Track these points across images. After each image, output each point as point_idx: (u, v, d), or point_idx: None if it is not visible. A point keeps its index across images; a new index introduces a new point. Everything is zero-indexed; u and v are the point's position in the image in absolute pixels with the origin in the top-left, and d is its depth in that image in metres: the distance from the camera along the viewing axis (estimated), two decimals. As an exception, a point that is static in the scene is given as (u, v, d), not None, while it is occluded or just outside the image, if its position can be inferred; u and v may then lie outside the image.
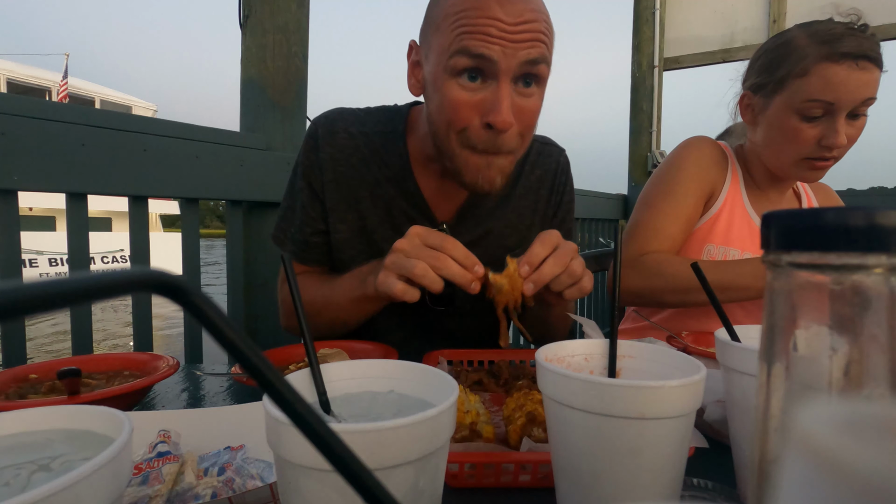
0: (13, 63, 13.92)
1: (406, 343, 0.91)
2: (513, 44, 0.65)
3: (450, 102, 0.68)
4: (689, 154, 1.04)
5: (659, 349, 0.42)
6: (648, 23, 3.39)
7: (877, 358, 0.16)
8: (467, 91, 0.68)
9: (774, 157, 0.96)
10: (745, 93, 1.00)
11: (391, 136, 0.85)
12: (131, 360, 0.70)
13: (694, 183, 1.01)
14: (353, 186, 0.85)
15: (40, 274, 9.74)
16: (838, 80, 0.84)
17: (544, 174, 0.94)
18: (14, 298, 0.12)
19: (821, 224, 0.17)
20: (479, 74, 0.67)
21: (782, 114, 0.91)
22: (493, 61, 0.65)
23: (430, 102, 0.74)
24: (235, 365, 0.67)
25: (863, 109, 0.87)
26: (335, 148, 0.84)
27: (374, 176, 0.85)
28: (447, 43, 0.67)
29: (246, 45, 1.45)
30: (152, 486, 0.38)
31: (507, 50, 0.65)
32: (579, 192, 2.97)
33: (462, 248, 0.65)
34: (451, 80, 0.68)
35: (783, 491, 0.10)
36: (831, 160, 0.90)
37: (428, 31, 0.73)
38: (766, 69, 0.94)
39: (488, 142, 0.69)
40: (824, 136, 0.88)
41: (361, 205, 0.86)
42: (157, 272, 0.15)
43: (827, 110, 0.87)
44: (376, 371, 0.39)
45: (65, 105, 1.06)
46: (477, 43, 0.65)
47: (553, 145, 0.97)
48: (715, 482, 0.40)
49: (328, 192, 0.85)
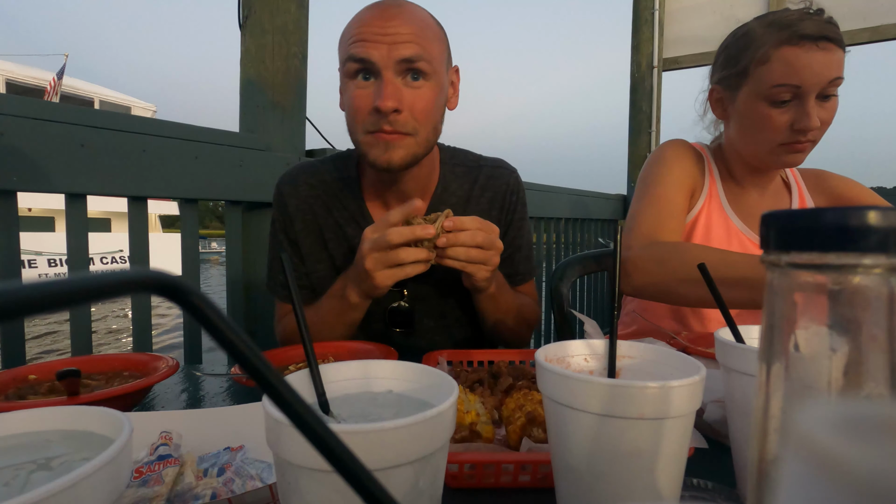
0: (12, 63, 13.92)
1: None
2: (388, 45, 0.78)
3: (350, 99, 0.82)
4: (671, 153, 1.05)
5: (659, 349, 0.42)
6: (648, 23, 3.39)
7: (876, 358, 0.16)
8: (361, 88, 0.81)
9: (750, 147, 0.96)
10: (714, 87, 1.00)
11: (347, 181, 0.96)
12: (131, 361, 0.70)
13: (679, 180, 1.01)
14: (320, 231, 0.96)
15: (39, 275, 9.73)
16: (800, 63, 0.84)
17: (495, 196, 1.00)
18: (13, 299, 0.12)
19: (820, 224, 0.17)
20: (369, 74, 0.80)
21: (751, 102, 0.91)
22: (372, 62, 0.79)
23: (344, 107, 0.86)
24: (235, 366, 0.67)
25: (831, 90, 0.86)
26: (299, 199, 0.95)
27: (335, 220, 0.95)
28: (344, 55, 0.81)
29: (245, 45, 1.45)
30: (152, 486, 0.38)
31: (383, 50, 0.78)
32: (579, 192, 2.97)
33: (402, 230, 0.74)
34: (350, 82, 0.82)
35: (782, 491, 0.10)
36: (808, 143, 0.90)
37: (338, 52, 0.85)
38: (728, 62, 0.95)
39: (377, 123, 0.80)
40: (796, 119, 0.87)
41: (329, 246, 0.96)
42: (156, 273, 0.15)
43: (795, 94, 0.86)
44: (376, 371, 0.39)
45: (64, 106, 1.05)
46: (358, 49, 0.79)
47: (504, 167, 1.03)
48: (715, 482, 0.40)
49: (300, 239, 0.96)
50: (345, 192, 0.95)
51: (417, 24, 0.81)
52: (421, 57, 0.80)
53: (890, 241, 0.16)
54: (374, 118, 0.80)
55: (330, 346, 0.79)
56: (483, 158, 1.03)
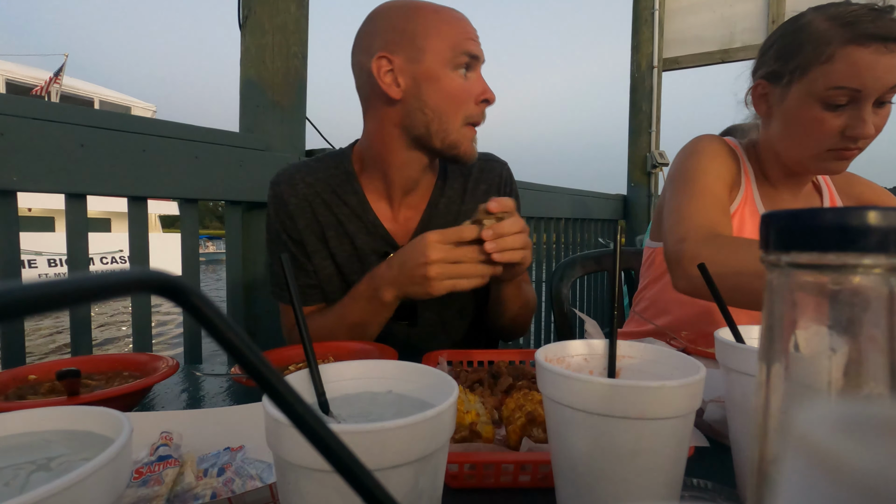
0: (12, 63, 13.91)
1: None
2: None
3: (459, 90, 0.86)
4: (710, 147, 0.98)
5: (658, 349, 0.42)
6: (647, 23, 3.39)
7: (876, 358, 0.16)
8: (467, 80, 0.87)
9: (794, 150, 0.91)
10: (760, 82, 0.93)
11: (344, 177, 0.96)
12: (131, 361, 0.70)
13: (720, 174, 0.95)
14: (322, 227, 0.95)
15: (39, 275, 9.73)
16: (865, 65, 0.78)
17: (489, 187, 1.03)
18: (13, 299, 0.12)
19: (819, 224, 0.17)
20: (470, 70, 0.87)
21: (803, 103, 0.85)
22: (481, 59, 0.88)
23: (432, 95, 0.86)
24: (235, 365, 0.67)
25: (889, 96, 0.81)
26: (299, 198, 0.94)
27: (336, 217, 0.95)
28: (453, 46, 0.85)
29: (245, 45, 1.45)
30: (151, 487, 0.38)
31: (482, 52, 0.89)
32: (579, 192, 2.97)
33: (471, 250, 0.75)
34: (452, 73, 0.85)
35: (782, 491, 0.10)
36: (856, 150, 0.85)
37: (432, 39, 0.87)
38: (782, 56, 0.87)
39: (482, 116, 0.89)
40: (849, 125, 0.82)
41: (330, 244, 0.95)
42: (156, 273, 0.15)
43: (852, 98, 0.81)
44: (375, 371, 0.39)
45: (64, 106, 1.05)
46: (474, 47, 0.86)
47: (495, 160, 1.06)
48: (715, 482, 0.40)
49: (305, 236, 0.95)
50: (344, 188, 0.95)
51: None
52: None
53: (890, 241, 0.16)
54: (480, 111, 0.87)
55: (330, 346, 0.79)
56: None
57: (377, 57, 0.84)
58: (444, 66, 0.84)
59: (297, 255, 0.96)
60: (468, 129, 0.88)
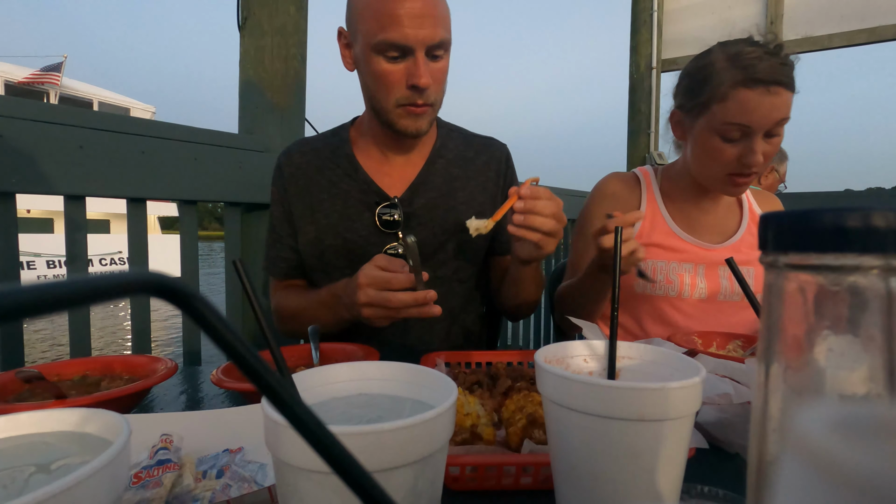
0: (11, 65, 13.91)
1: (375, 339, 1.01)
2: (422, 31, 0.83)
3: (381, 74, 0.87)
4: (593, 198, 1.15)
5: (658, 350, 0.42)
6: (646, 24, 3.40)
7: (874, 358, 0.17)
8: (392, 64, 0.86)
9: (702, 172, 1.03)
10: (674, 111, 1.05)
11: (338, 143, 1.03)
12: (130, 363, 0.70)
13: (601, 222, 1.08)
14: (313, 192, 1.00)
15: (38, 276, 9.72)
16: (753, 105, 0.89)
17: (490, 160, 1.07)
18: (12, 301, 0.12)
19: (817, 225, 0.17)
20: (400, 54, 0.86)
21: (706, 134, 0.96)
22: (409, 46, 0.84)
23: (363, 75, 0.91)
24: (217, 368, 0.66)
25: (777, 129, 0.92)
26: (293, 166, 1.01)
27: (328, 178, 1.00)
28: (373, 31, 0.84)
29: (244, 47, 1.45)
30: (151, 489, 0.38)
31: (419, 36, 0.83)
32: (578, 192, 2.97)
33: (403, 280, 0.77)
34: (377, 57, 0.86)
35: (781, 492, 0.10)
36: (752, 175, 0.96)
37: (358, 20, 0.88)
38: (689, 91, 0.99)
39: (411, 98, 0.88)
40: (743, 154, 0.93)
41: (323, 206, 0.99)
42: (155, 274, 0.15)
43: (744, 132, 0.92)
44: (374, 373, 0.39)
45: (63, 107, 1.05)
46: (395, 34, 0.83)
47: (497, 141, 1.11)
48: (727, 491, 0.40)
49: (293, 203, 1.01)
50: (336, 153, 1.01)
51: (440, 4, 0.86)
52: (447, 39, 0.87)
53: (887, 242, 0.16)
54: (409, 94, 0.87)
55: (323, 347, 0.79)
56: (474, 134, 1.11)
57: (339, 29, 0.94)
58: (369, 50, 0.86)
59: (280, 229, 1.02)
60: (401, 110, 0.90)
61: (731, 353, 0.81)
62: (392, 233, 0.98)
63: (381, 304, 0.76)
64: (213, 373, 0.64)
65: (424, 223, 0.98)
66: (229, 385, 0.61)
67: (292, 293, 1.01)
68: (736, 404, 0.53)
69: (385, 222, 0.97)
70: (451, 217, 1.00)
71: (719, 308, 1.05)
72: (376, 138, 0.99)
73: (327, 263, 0.99)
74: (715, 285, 1.05)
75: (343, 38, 0.94)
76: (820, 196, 2.85)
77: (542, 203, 0.78)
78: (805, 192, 3.12)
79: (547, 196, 0.79)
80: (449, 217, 1.00)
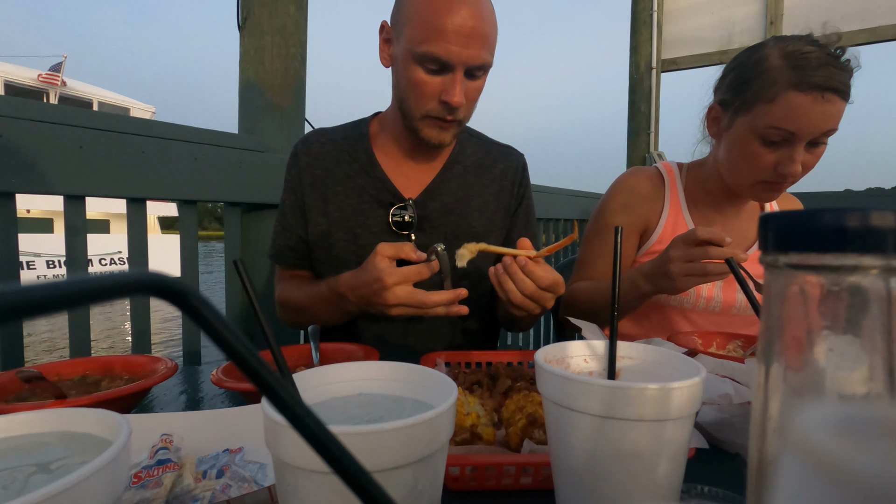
0: (10, 65, 13.91)
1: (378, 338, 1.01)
2: (467, 51, 0.82)
3: (417, 84, 0.86)
4: (616, 194, 1.09)
5: (658, 350, 0.42)
6: (646, 24, 3.40)
7: (874, 358, 0.17)
8: (430, 75, 0.85)
9: (732, 175, 0.96)
10: (714, 105, 0.98)
11: (357, 137, 1.02)
12: (130, 363, 0.70)
13: (621, 221, 1.01)
14: (328, 184, 0.99)
15: (38, 276, 9.71)
16: (802, 111, 0.82)
17: (507, 168, 1.07)
18: (12, 301, 0.12)
19: (818, 225, 0.17)
20: (440, 68, 0.84)
21: (744, 135, 0.90)
22: (451, 63, 0.83)
23: (398, 76, 0.90)
24: (217, 368, 0.66)
25: (823, 139, 0.86)
26: (311, 156, 1.01)
27: (344, 171, 1.00)
28: (418, 40, 0.82)
29: (244, 47, 1.45)
30: (151, 489, 0.38)
31: (463, 56, 0.82)
32: (578, 192, 2.97)
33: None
34: (416, 67, 0.85)
35: (781, 492, 0.10)
36: (786, 184, 0.90)
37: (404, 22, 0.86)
38: (734, 87, 0.92)
39: (441, 112, 0.88)
40: (781, 162, 0.87)
41: (337, 199, 0.99)
42: (155, 275, 0.15)
43: (787, 138, 0.85)
44: (374, 373, 0.39)
45: (63, 107, 1.05)
46: (439, 49, 0.82)
47: (514, 150, 1.11)
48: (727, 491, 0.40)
49: (307, 193, 1.00)
50: (356, 147, 1.00)
51: (490, 26, 0.84)
52: (489, 62, 0.86)
53: (887, 242, 0.16)
54: (439, 108, 0.87)
55: (323, 346, 0.79)
56: (493, 140, 1.11)
57: (384, 22, 0.92)
58: (410, 56, 0.85)
59: (290, 218, 1.01)
60: (428, 120, 0.89)
61: (731, 353, 0.81)
62: (403, 234, 0.97)
63: (416, 304, 0.75)
64: (213, 373, 0.64)
65: (436, 227, 0.98)
66: (229, 385, 0.61)
67: (296, 285, 1.00)
68: (736, 404, 0.53)
69: (396, 223, 0.96)
70: (463, 223, 1.00)
71: (730, 321, 1.03)
72: (397, 138, 0.99)
73: (335, 257, 0.98)
74: (731, 298, 1.02)
75: (385, 33, 0.92)
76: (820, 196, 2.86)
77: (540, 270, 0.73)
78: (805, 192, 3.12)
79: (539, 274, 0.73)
80: (461, 223, 1.00)
